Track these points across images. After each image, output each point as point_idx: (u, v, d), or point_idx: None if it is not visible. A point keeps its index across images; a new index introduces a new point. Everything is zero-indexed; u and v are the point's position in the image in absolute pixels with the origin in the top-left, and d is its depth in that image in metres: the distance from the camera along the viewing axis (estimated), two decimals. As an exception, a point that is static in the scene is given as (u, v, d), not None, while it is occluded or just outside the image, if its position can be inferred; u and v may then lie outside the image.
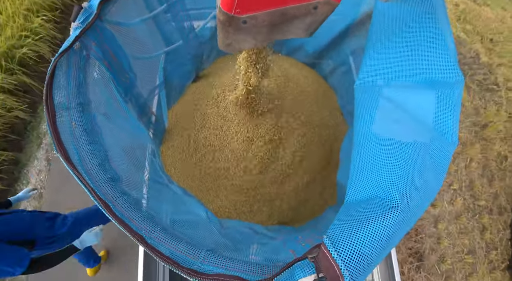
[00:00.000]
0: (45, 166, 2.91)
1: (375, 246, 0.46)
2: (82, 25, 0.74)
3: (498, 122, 2.99)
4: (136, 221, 0.61)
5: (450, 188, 2.76)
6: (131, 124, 0.97)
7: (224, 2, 0.56)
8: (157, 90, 1.42)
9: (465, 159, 2.85)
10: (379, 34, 0.80)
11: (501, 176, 2.85)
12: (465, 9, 3.70)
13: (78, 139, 0.67)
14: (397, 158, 0.58)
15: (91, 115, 0.76)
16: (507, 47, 3.47)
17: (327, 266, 0.44)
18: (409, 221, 0.51)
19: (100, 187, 0.62)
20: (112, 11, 0.92)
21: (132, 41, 1.11)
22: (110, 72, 0.90)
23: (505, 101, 3.14)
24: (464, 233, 2.63)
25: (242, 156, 1.38)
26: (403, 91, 0.69)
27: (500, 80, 3.25)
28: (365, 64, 0.79)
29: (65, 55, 0.70)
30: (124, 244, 2.52)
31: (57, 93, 0.68)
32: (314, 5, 0.62)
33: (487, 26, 3.62)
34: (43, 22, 3.22)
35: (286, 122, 1.40)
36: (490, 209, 2.74)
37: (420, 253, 2.54)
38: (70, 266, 1.84)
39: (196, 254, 0.58)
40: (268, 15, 0.61)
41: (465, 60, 3.37)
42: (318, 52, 1.67)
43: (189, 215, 0.84)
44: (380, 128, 0.66)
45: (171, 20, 1.32)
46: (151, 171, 1.03)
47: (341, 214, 0.55)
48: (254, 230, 1.06)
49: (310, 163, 1.43)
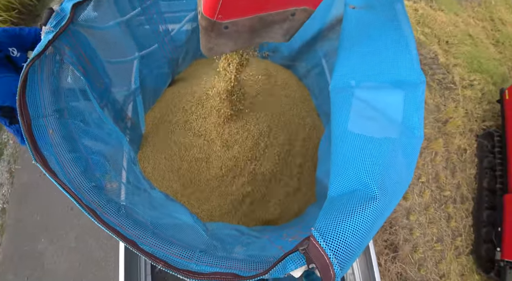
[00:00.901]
0: (7, 179, 2.69)
1: (358, 235, 0.50)
2: (54, 29, 0.72)
3: (456, 118, 3.26)
4: (125, 227, 0.60)
5: (419, 181, 2.96)
6: (109, 130, 0.94)
7: (207, 8, 0.57)
8: (133, 95, 1.39)
9: (431, 153, 3.07)
10: (349, 38, 0.86)
11: (462, 167, 3.11)
12: (423, 14, 4.01)
13: (57, 147, 0.65)
14: (372, 153, 0.63)
15: (68, 122, 0.73)
16: (461, 49, 3.81)
17: (317, 256, 0.47)
18: (386, 210, 0.56)
19: (85, 195, 0.60)
20: (85, 15, 0.89)
21: (106, 45, 1.08)
22: (85, 77, 0.87)
23: (461, 98, 3.44)
24: (433, 223, 2.82)
25: (222, 159, 1.39)
26: (373, 91, 0.75)
27: (457, 79, 3.56)
28: (337, 66, 0.85)
29: (37, 60, 0.67)
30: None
31: (31, 100, 0.65)
32: (292, 12, 0.65)
33: (443, 29, 3.96)
34: (-2, 23, 3.01)
35: (266, 123, 1.43)
36: (454, 199, 2.97)
37: (395, 244, 2.69)
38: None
39: (190, 256, 0.59)
40: (249, 20, 0.63)
41: (425, 60, 3.64)
42: (293, 55, 1.73)
43: (175, 219, 0.83)
44: (354, 126, 0.71)
45: (146, 23, 1.30)
46: (131, 177, 1.01)
47: (326, 208, 0.59)
48: (240, 230, 1.07)
49: (290, 162, 1.47)
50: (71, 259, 2.41)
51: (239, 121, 1.40)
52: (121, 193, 0.78)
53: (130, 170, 1.03)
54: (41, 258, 2.42)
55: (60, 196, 2.59)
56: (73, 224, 2.52)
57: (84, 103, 0.86)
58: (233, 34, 0.68)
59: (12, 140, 2.85)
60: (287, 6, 0.64)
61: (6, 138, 2.85)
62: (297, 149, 1.51)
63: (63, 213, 2.55)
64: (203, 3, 0.59)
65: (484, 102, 3.50)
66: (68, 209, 2.56)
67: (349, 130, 0.70)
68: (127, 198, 0.78)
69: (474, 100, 3.48)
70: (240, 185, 1.39)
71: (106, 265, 2.41)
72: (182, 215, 0.89)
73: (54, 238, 2.48)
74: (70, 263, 2.40)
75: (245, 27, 0.66)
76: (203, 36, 0.70)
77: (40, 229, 2.51)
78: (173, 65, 1.60)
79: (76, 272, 2.38)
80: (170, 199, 1.10)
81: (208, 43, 0.71)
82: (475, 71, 3.69)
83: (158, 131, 1.50)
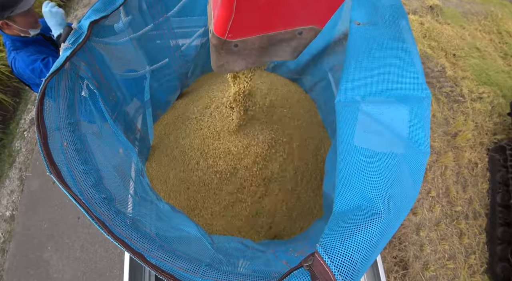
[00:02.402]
0: (17, 186, 2.75)
1: (363, 251, 0.50)
2: (72, 46, 0.76)
3: (466, 131, 3.21)
4: (134, 240, 0.61)
5: (428, 195, 2.89)
6: (120, 142, 0.97)
7: (218, 28, 0.60)
8: (142, 108, 1.43)
9: (440, 167, 3.01)
10: (354, 55, 0.87)
11: (474, 182, 3.03)
12: (429, 27, 4.04)
13: (70, 160, 0.67)
14: (377, 168, 0.63)
15: (81, 134, 0.76)
16: (469, 62, 3.79)
17: (321, 272, 0.47)
18: (392, 226, 0.55)
19: (95, 207, 0.62)
20: (101, 31, 0.94)
21: (119, 59, 1.13)
22: (99, 91, 0.91)
23: (471, 111, 3.40)
24: (444, 239, 2.73)
25: (230, 171, 1.39)
26: (379, 105, 0.75)
27: (465, 92, 3.53)
28: (343, 81, 0.86)
29: (55, 75, 0.70)
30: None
31: (48, 113, 0.68)
32: (299, 31, 0.68)
33: (450, 42, 3.96)
34: (18, 37, 3.16)
35: (275, 135, 1.44)
36: (466, 214, 2.88)
37: (405, 261, 2.60)
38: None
39: (196, 270, 0.59)
40: (257, 39, 0.66)
41: (433, 73, 3.63)
42: (299, 69, 1.76)
43: (181, 232, 0.84)
44: (360, 140, 0.72)
45: (158, 39, 1.36)
46: (139, 189, 1.02)
47: (331, 223, 0.59)
48: (245, 244, 1.06)
49: (299, 176, 1.46)
50: (76, 268, 2.41)
51: (248, 133, 1.40)
52: (128, 205, 0.79)
53: (137, 182, 1.05)
54: (46, 267, 2.43)
55: (67, 205, 2.64)
56: (79, 233, 2.54)
57: (97, 115, 0.89)
58: (242, 52, 0.70)
59: (24, 148, 2.93)
60: (295, 25, 0.66)
61: (19, 146, 2.93)
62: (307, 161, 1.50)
63: (70, 222, 2.58)
64: (214, 22, 0.62)
65: (494, 115, 3.44)
66: (75, 219, 2.59)
67: (354, 144, 0.71)
68: (134, 210, 0.80)
69: (484, 113, 3.43)
70: (248, 199, 1.39)
71: (110, 276, 2.40)
72: (188, 228, 0.90)
73: (60, 247, 2.50)
74: (74, 272, 2.40)
75: (254, 46, 0.68)
76: (214, 54, 0.72)
77: (47, 237, 2.53)
78: (182, 79, 1.64)
79: (80, 282, 2.37)
80: (176, 211, 1.11)
81: (218, 60, 0.74)
82: (484, 84, 3.66)
83: (166, 143, 1.52)
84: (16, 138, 2.98)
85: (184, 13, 1.32)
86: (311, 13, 0.63)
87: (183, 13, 1.31)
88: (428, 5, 4.44)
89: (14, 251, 2.49)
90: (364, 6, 0.92)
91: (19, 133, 3.01)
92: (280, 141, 1.46)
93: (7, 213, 2.65)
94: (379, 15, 0.86)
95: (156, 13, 1.22)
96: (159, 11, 1.24)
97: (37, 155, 2.88)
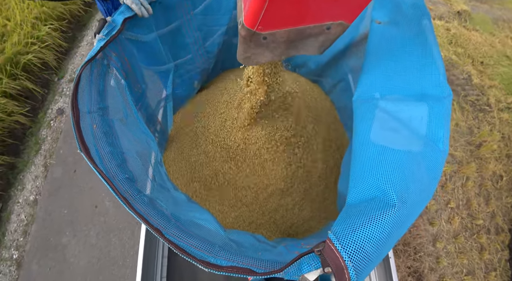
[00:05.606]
0: (42, 172, 2.91)
1: (375, 242, 0.50)
2: (106, 38, 0.81)
3: (492, 141, 3.07)
4: (152, 217, 0.64)
5: (447, 206, 2.78)
6: (142, 132, 1.02)
7: (248, 20, 0.61)
8: (164, 101, 1.49)
9: (462, 178, 2.89)
10: (375, 52, 0.87)
11: (497, 195, 2.89)
12: (456, 34, 3.91)
13: (98, 141, 0.72)
14: (393, 162, 0.63)
15: (109, 119, 0.81)
16: (497, 70, 3.63)
17: (332, 258, 0.48)
18: (406, 220, 0.55)
19: (118, 184, 0.66)
20: (132, 27, 1.00)
21: (146, 54, 1.19)
22: (126, 81, 0.97)
23: (497, 121, 3.25)
24: (463, 253, 2.61)
25: (248, 167, 1.40)
26: (398, 103, 0.75)
27: (492, 101, 3.37)
28: (362, 79, 0.86)
29: (90, 63, 0.76)
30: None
31: (81, 97, 0.74)
32: (328, 26, 0.68)
33: (477, 50, 3.81)
34: (50, 31, 3.34)
35: (296, 134, 1.44)
36: (487, 228, 2.75)
37: (419, 272, 2.51)
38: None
39: (209, 250, 0.61)
40: (286, 32, 0.67)
41: (458, 81, 3.51)
42: (320, 69, 1.76)
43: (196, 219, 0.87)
44: (377, 136, 0.72)
45: (183, 36, 1.41)
46: (157, 177, 1.07)
47: (344, 213, 0.59)
48: (258, 239, 1.08)
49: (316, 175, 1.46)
50: (91, 255, 2.52)
51: (268, 129, 1.40)
52: (147, 188, 0.84)
53: (156, 170, 1.09)
54: (64, 251, 2.55)
55: (87, 193, 2.76)
56: (95, 221, 2.64)
57: (123, 104, 0.94)
58: (270, 45, 0.71)
59: (50, 137, 3.10)
60: (324, 20, 0.67)
61: (45, 134, 3.10)
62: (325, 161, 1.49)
63: (88, 210, 2.70)
64: (244, 14, 0.63)
65: (523, 127, 3.27)
66: (93, 207, 2.70)
67: (370, 140, 0.71)
68: (152, 193, 0.84)
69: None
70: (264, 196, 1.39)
71: (123, 264, 2.48)
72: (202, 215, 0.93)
73: (77, 233, 2.61)
74: (89, 258, 2.50)
75: (283, 39, 0.69)
76: (241, 45, 0.73)
77: (66, 223, 2.65)
78: (203, 75, 1.69)
79: (94, 268, 2.47)
80: (192, 202, 1.15)
81: (245, 52, 0.75)
82: (513, 94, 3.49)
83: (183, 136, 1.57)
84: (43, 127, 3.15)
85: (210, 10, 1.37)
86: (341, 8, 0.63)
87: (209, 10, 1.36)
88: (455, 11, 4.30)
89: (35, 234, 2.63)
90: (386, 6, 0.92)
91: (46, 122, 3.18)
92: (301, 142, 1.45)
93: (31, 197, 2.80)
94: (401, 14, 0.86)
95: (183, 11, 1.27)
96: (186, 9, 1.29)
97: (61, 144, 3.03)
